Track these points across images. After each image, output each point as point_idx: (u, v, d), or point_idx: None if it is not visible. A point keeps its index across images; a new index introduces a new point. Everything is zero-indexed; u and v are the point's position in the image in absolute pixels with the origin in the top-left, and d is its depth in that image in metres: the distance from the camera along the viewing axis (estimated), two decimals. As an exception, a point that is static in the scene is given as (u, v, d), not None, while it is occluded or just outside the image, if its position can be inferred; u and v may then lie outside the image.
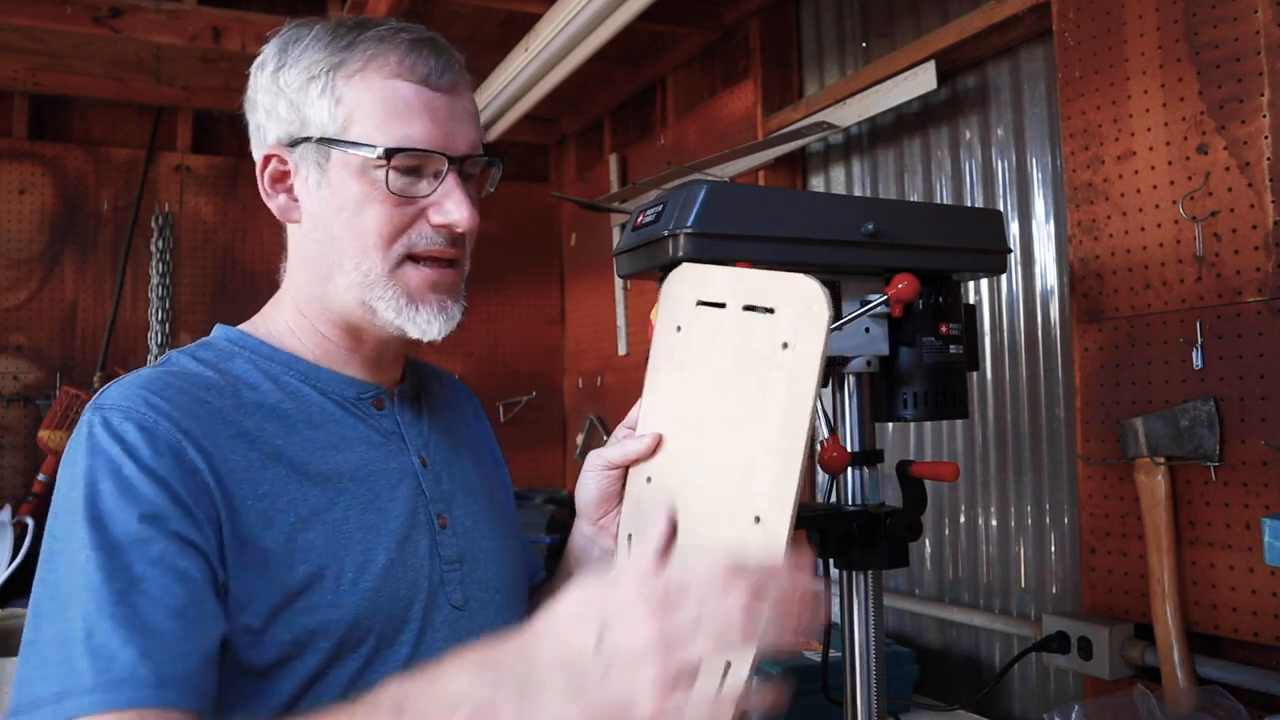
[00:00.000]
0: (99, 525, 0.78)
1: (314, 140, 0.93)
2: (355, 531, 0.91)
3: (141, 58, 3.19)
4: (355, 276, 0.94)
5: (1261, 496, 1.44)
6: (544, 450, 3.97)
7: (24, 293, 3.35)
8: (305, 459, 0.91)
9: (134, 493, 0.80)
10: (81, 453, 0.82)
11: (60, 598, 0.77)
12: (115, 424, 0.83)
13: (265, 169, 0.97)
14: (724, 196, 1.10)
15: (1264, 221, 1.45)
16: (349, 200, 0.93)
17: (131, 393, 0.86)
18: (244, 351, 0.97)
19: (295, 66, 0.95)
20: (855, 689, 1.21)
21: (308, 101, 0.93)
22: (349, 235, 0.93)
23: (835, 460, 1.07)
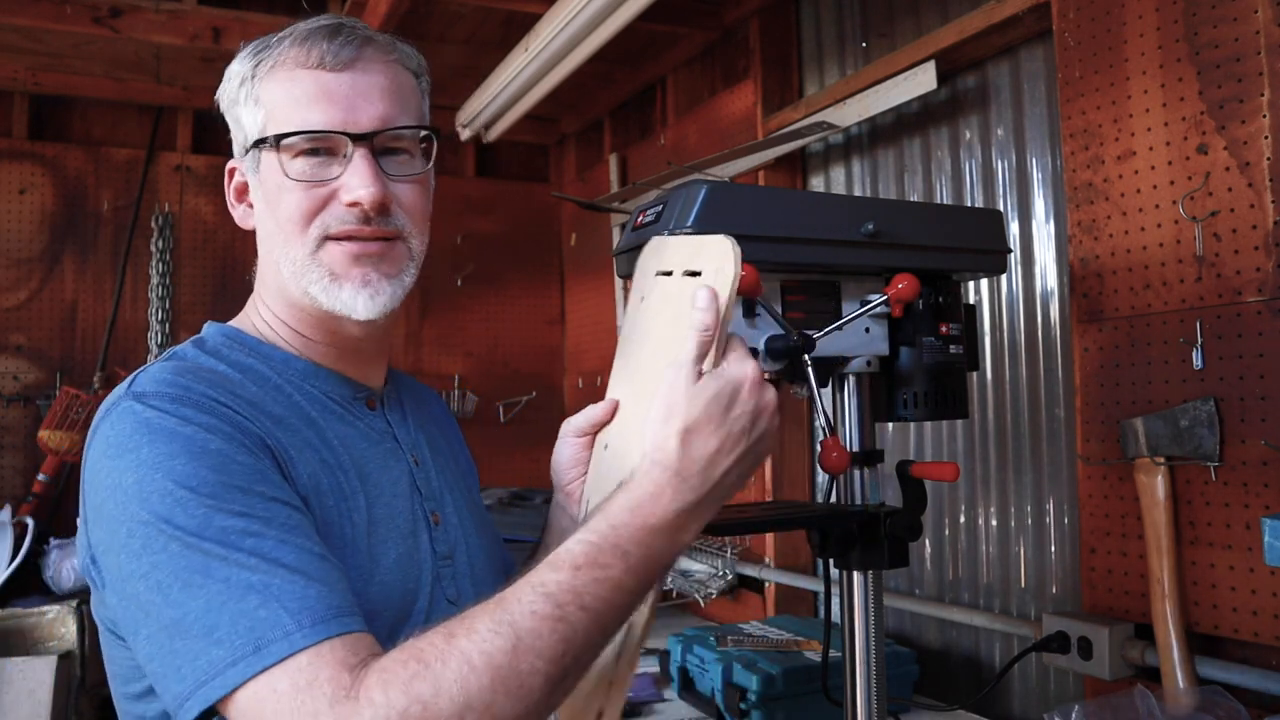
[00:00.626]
0: (217, 497, 0.77)
1: (249, 147, 0.97)
2: (374, 525, 0.92)
3: (141, 58, 3.19)
4: (288, 265, 0.95)
5: (1261, 496, 1.44)
6: (544, 450, 3.91)
7: (24, 293, 3.35)
8: (327, 449, 0.92)
9: (230, 464, 0.79)
10: (146, 438, 0.79)
11: (189, 575, 0.74)
12: (173, 408, 0.81)
13: (230, 182, 1.03)
14: (724, 196, 1.10)
15: (1264, 221, 1.45)
16: (271, 193, 0.96)
17: (171, 380, 0.85)
18: (243, 349, 0.97)
19: (233, 80, 1.00)
20: (855, 689, 1.21)
21: (243, 111, 0.98)
22: (277, 226, 0.96)
23: (835, 460, 1.07)
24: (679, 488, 0.79)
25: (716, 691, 1.90)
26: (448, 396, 3.79)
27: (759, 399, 0.81)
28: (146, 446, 0.79)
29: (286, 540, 0.77)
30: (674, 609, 2.97)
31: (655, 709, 2.02)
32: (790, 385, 1.20)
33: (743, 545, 2.73)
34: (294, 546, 0.77)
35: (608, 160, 3.61)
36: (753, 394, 0.81)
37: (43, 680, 2.27)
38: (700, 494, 0.79)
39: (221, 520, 0.76)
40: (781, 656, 1.94)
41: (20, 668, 2.27)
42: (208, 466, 0.78)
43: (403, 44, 1.01)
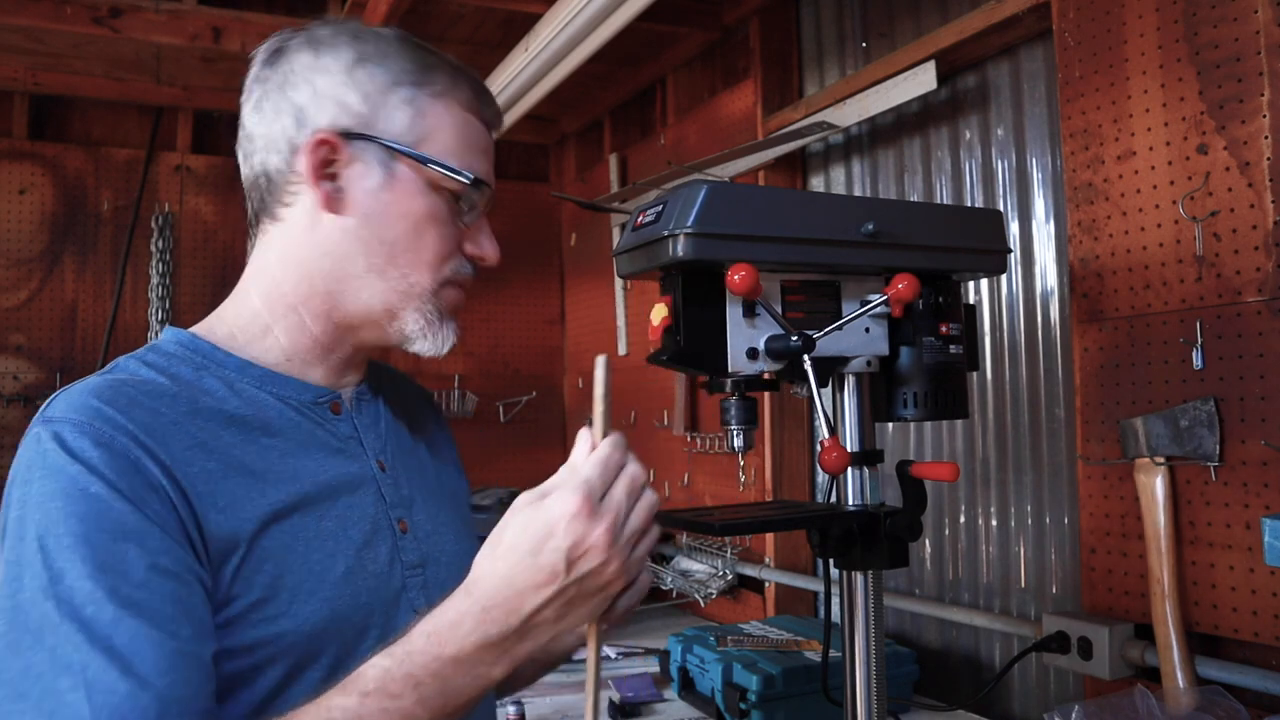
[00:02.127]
0: (75, 551, 0.73)
1: (380, 142, 0.93)
2: (313, 540, 0.88)
3: (141, 58, 3.19)
4: (398, 284, 0.94)
5: (1261, 496, 1.44)
6: (544, 450, 3.97)
7: (24, 293, 3.35)
8: (264, 467, 0.88)
9: (105, 514, 0.75)
10: (38, 473, 0.77)
11: (34, 629, 0.71)
12: (70, 440, 0.77)
13: (314, 152, 0.92)
14: (724, 196, 1.10)
15: (1264, 221, 1.45)
16: (413, 213, 0.94)
17: (83, 403, 0.80)
18: (195, 356, 0.92)
19: (379, 65, 0.94)
20: (855, 689, 1.21)
21: (387, 104, 0.93)
22: (405, 246, 0.94)
23: (835, 460, 1.07)
24: (480, 619, 0.75)
25: (716, 691, 1.90)
26: (448, 396, 3.80)
27: (579, 536, 0.73)
28: (36, 483, 0.76)
29: (128, 614, 0.72)
30: (674, 609, 2.97)
31: (655, 709, 2.02)
32: (790, 385, 1.20)
33: (743, 545, 2.73)
34: (134, 623, 0.72)
35: (608, 160, 3.61)
36: (570, 531, 0.73)
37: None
38: (505, 629, 0.75)
39: (73, 580, 0.72)
40: (781, 656, 1.94)
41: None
42: (80, 517, 0.74)
43: None
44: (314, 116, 0.92)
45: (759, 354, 1.14)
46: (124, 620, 0.72)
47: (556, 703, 2.03)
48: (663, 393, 3.18)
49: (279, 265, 0.96)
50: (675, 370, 2.09)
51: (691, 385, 3.01)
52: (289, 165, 0.93)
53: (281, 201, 0.95)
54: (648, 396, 3.30)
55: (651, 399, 3.27)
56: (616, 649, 2.49)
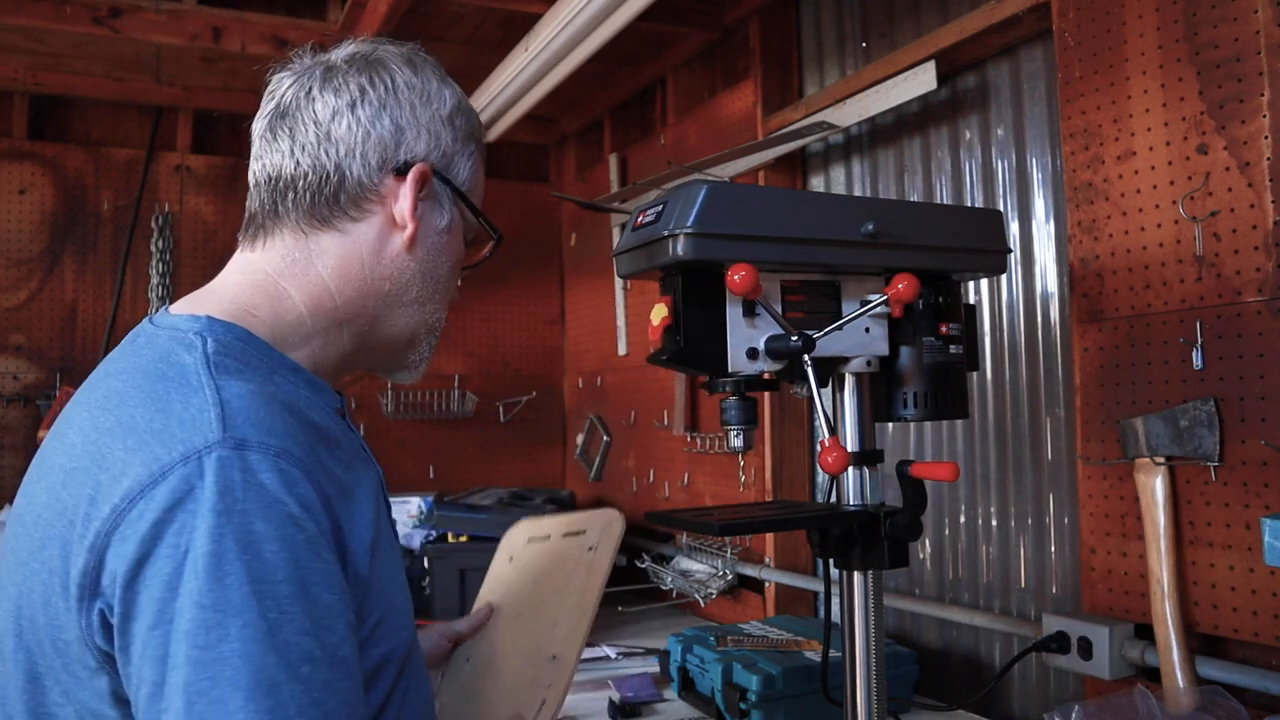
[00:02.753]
0: (286, 599, 0.69)
1: (452, 187, 0.98)
2: (388, 553, 0.88)
3: (141, 58, 3.19)
4: (428, 317, 1.00)
5: (1261, 496, 1.44)
6: (544, 450, 3.97)
7: (24, 293, 3.35)
8: (350, 485, 0.85)
9: (316, 561, 0.72)
10: (237, 503, 0.70)
11: (253, 685, 0.67)
12: (287, 471, 0.73)
13: (419, 181, 0.93)
14: (724, 196, 1.10)
15: (1264, 221, 1.45)
16: (455, 256, 1.01)
17: (270, 425, 0.76)
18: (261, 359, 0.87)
19: (467, 116, 1.01)
20: (855, 689, 1.21)
21: (462, 153, 0.99)
22: (444, 283, 1.00)
23: (835, 460, 1.07)
24: None
25: (716, 691, 1.90)
26: (448, 396, 3.80)
27: None
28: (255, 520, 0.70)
29: (338, 676, 0.72)
30: (674, 609, 2.97)
31: (655, 709, 2.02)
32: (790, 385, 1.21)
33: (743, 545, 2.73)
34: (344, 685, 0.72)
35: (608, 160, 3.61)
36: None
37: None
38: None
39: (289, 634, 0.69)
40: (781, 656, 1.94)
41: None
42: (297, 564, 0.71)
43: None
44: (413, 143, 0.93)
45: (759, 354, 1.14)
46: (337, 683, 0.71)
47: (556, 703, 2.03)
48: (663, 393, 3.18)
49: (336, 279, 0.92)
50: (675, 370, 2.09)
51: (691, 385, 3.01)
52: (374, 180, 0.92)
53: (349, 214, 0.92)
54: (648, 396, 3.31)
55: (651, 399, 3.27)
56: (616, 649, 2.50)
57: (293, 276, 0.93)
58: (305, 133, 0.91)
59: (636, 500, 3.37)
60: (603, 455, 3.63)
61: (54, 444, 0.81)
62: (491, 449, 3.89)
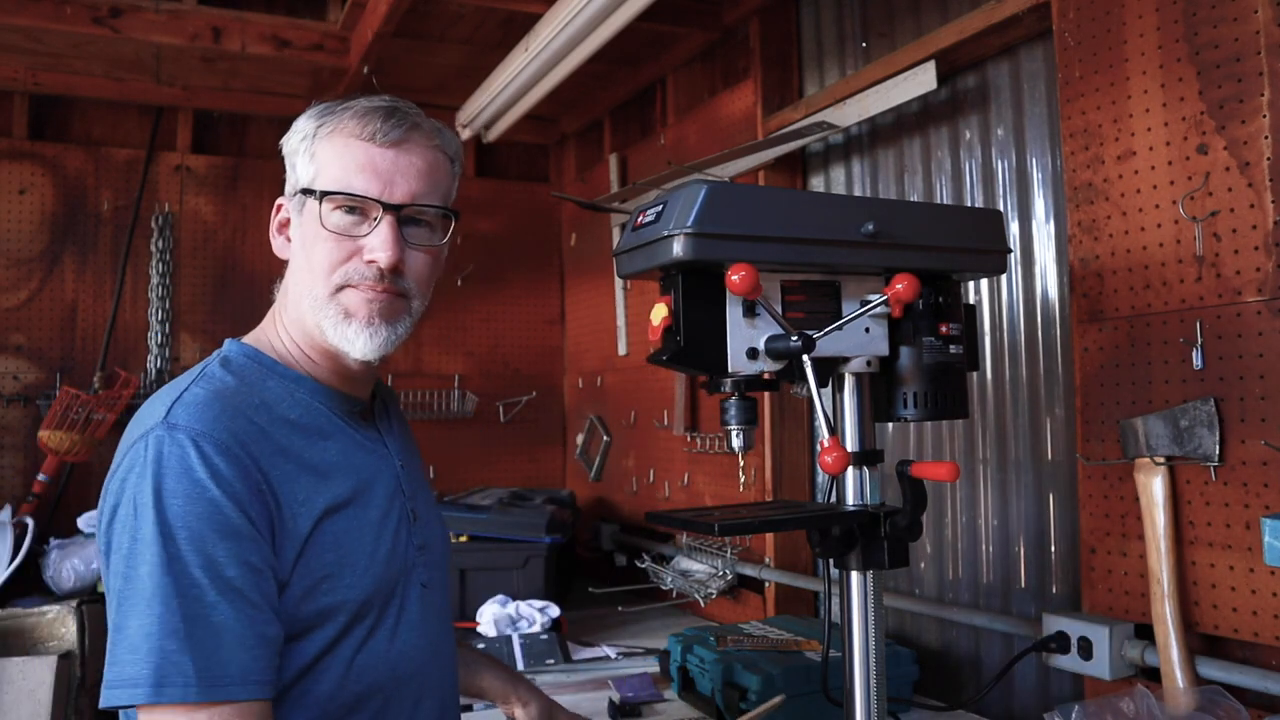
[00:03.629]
0: (184, 540, 0.93)
1: (298, 191, 1.12)
2: (366, 526, 1.09)
3: (141, 58, 3.19)
4: (309, 301, 1.10)
5: (1261, 496, 1.44)
6: (544, 450, 3.97)
7: (24, 293, 3.35)
8: (324, 466, 1.07)
9: (217, 515, 0.94)
10: (164, 470, 0.94)
11: (149, 597, 0.91)
12: (196, 448, 0.96)
13: (275, 216, 1.17)
14: (724, 196, 1.10)
15: (1264, 221, 1.45)
16: (308, 237, 1.11)
17: (204, 414, 0.99)
18: (261, 369, 1.11)
19: (295, 133, 1.14)
20: (855, 689, 1.21)
21: (299, 160, 1.13)
22: (307, 266, 1.11)
23: (835, 460, 1.07)
24: None
25: (716, 691, 1.90)
26: (448, 396, 3.80)
27: None
28: (162, 478, 0.94)
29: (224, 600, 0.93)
30: (674, 609, 2.97)
31: (655, 709, 2.02)
32: (790, 385, 1.21)
33: (743, 545, 2.73)
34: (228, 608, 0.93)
35: (608, 160, 3.61)
36: None
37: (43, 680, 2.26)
38: None
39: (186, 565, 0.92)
40: (781, 656, 1.94)
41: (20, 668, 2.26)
42: (199, 516, 0.94)
43: (446, 131, 1.17)
44: (287, 187, 1.16)
45: (759, 354, 1.14)
46: (221, 605, 0.93)
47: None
48: (663, 393, 3.18)
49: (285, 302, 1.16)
50: (675, 370, 2.09)
51: (691, 385, 3.01)
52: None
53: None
54: (648, 396, 3.31)
55: (651, 399, 3.27)
56: (616, 649, 2.50)
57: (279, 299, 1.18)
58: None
59: (636, 500, 3.37)
60: (603, 455, 3.63)
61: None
62: (491, 449, 3.89)
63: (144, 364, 3.43)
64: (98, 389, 3.30)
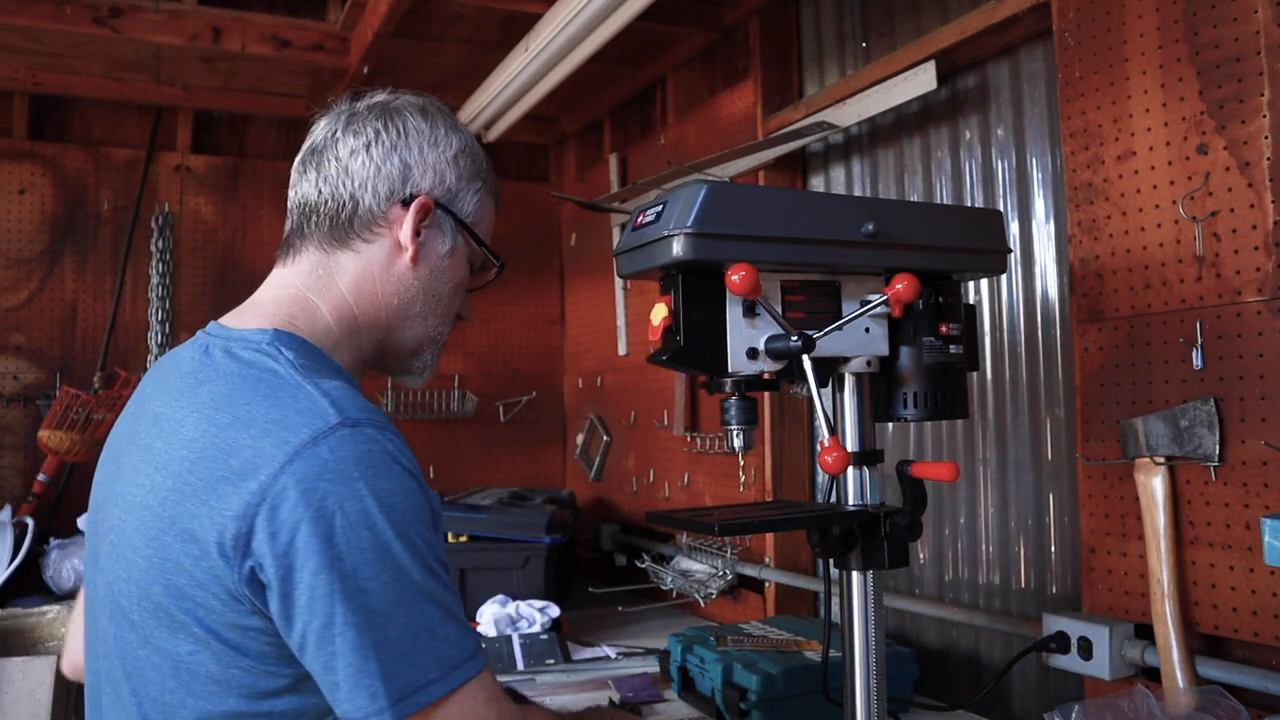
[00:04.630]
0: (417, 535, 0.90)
1: (457, 218, 1.14)
2: None
3: (141, 58, 3.19)
4: (432, 330, 1.16)
5: (1261, 496, 1.44)
6: (544, 450, 3.97)
7: (24, 293, 3.35)
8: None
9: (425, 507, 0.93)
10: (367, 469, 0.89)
11: (425, 591, 0.89)
12: (393, 439, 0.93)
13: (420, 210, 1.10)
14: (724, 196, 1.10)
15: (1264, 221, 1.45)
16: (457, 277, 1.16)
17: (365, 406, 0.95)
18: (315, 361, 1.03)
19: (472, 159, 1.16)
20: (855, 689, 1.21)
21: (467, 189, 1.15)
22: (447, 302, 1.16)
23: (835, 460, 1.07)
24: None
25: (716, 691, 1.90)
26: (448, 396, 3.80)
27: None
28: (380, 479, 0.89)
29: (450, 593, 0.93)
30: (674, 609, 2.97)
31: (655, 709, 2.02)
32: (790, 385, 1.21)
33: (743, 545, 2.73)
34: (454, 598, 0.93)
35: (608, 160, 3.61)
36: None
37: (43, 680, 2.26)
38: None
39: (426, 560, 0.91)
40: (781, 656, 1.94)
41: (20, 668, 2.26)
42: (419, 514, 0.92)
43: None
44: (418, 179, 1.11)
45: (759, 354, 1.14)
46: (450, 593, 0.92)
47: (555, 701, 2.03)
48: (663, 393, 3.18)
49: (352, 292, 1.10)
50: (675, 370, 2.09)
51: (691, 385, 3.01)
52: (383, 210, 1.10)
53: (362, 236, 1.10)
54: (648, 396, 3.31)
55: (651, 399, 3.27)
56: (616, 649, 2.50)
57: (318, 290, 1.10)
58: (329, 167, 1.10)
59: (636, 500, 3.37)
60: (603, 455, 3.63)
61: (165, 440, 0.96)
62: (491, 449, 3.89)
63: (144, 364, 3.43)
64: (98, 389, 3.30)
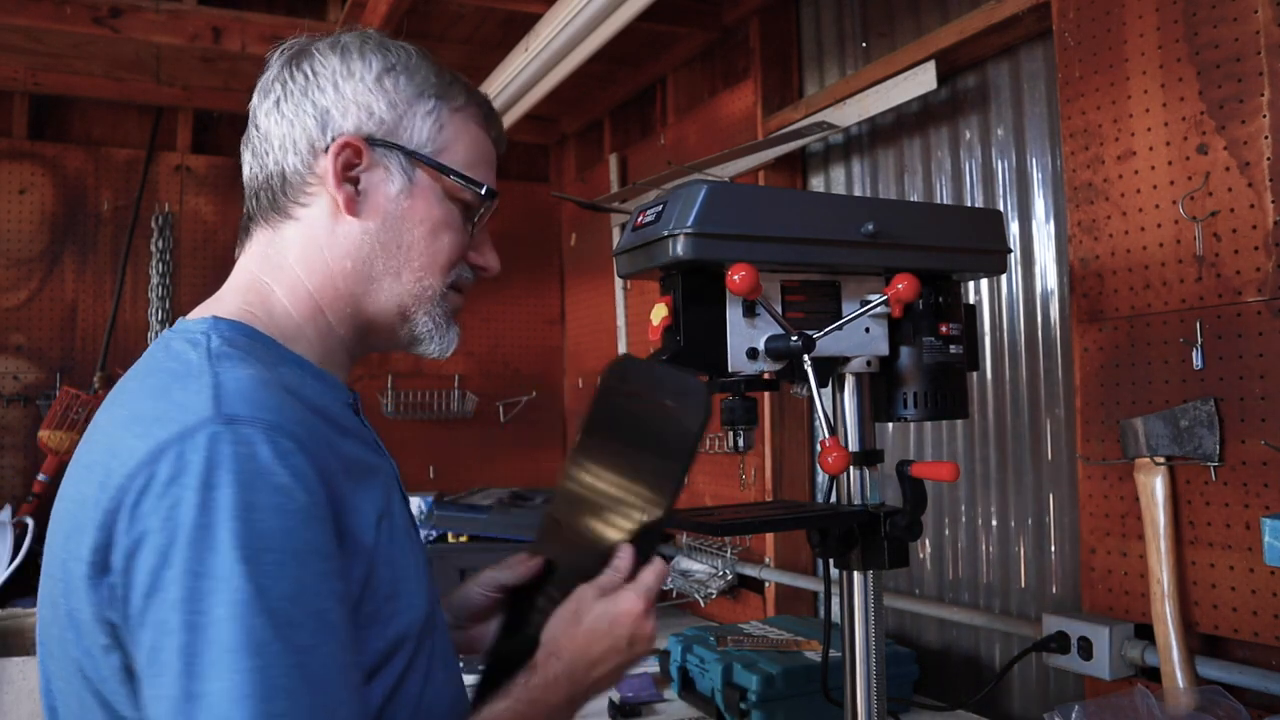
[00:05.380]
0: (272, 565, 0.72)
1: (405, 150, 0.95)
2: (400, 536, 0.90)
3: (141, 58, 3.19)
4: (412, 287, 0.97)
5: (1261, 496, 1.44)
6: (544, 450, 3.97)
7: (24, 293, 3.35)
8: (360, 468, 0.88)
9: (306, 529, 0.75)
10: (226, 474, 0.73)
11: (240, 647, 0.69)
12: (280, 444, 0.76)
13: (338, 155, 0.93)
14: (724, 196, 1.10)
15: (1264, 221, 1.45)
16: (431, 219, 0.97)
17: (263, 402, 0.78)
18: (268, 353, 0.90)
19: (405, 75, 0.97)
20: (855, 689, 1.21)
21: (412, 114, 0.96)
22: (421, 250, 0.96)
23: (835, 460, 1.07)
24: (569, 679, 0.94)
25: (716, 691, 1.90)
26: (448, 396, 3.80)
27: (639, 627, 0.96)
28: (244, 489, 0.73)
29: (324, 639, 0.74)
30: (674, 609, 2.97)
31: (655, 709, 2.02)
32: (790, 385, 1.21)
33: (743, 545, 2.73)
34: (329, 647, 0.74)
35: (608, 160, 3.61)
36: (635, 624, 0.96)
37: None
38: (582, 688, 0.95)
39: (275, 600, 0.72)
40: (781, 656, 1.94)
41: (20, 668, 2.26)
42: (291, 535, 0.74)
43: None
44: (338, 121, 0.94)
45: (759, 354, 1.14)
46: (322, 645, 0.73)
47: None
48: (663, 393, 3.18)
49: (301, 266, 0.96)
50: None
51: (691, 385, 3.01)
52: (309, 166, 0.94)
53: (298, 201, 0.96)
54: (648, 396, 3.30)
55: (651, 399, 3.26)
56: (616, 649, 2.49)
57: (269, 270, 0.97)
58: (253, 139, 0.98)
59: (636, 500, 3.37)
60: (603, 455, 3.62)
61: (81, 446, 0.87)
62: (491, 449, 3.89)
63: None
64: (98, 389, 3.30)
